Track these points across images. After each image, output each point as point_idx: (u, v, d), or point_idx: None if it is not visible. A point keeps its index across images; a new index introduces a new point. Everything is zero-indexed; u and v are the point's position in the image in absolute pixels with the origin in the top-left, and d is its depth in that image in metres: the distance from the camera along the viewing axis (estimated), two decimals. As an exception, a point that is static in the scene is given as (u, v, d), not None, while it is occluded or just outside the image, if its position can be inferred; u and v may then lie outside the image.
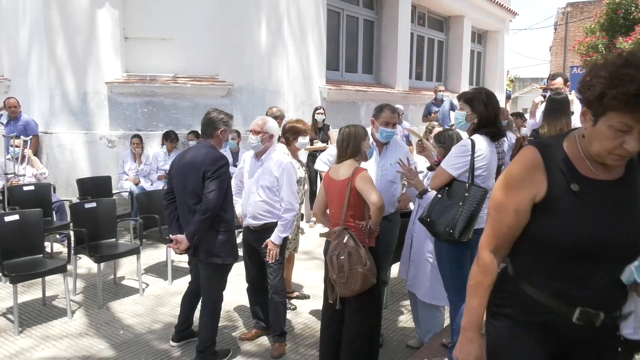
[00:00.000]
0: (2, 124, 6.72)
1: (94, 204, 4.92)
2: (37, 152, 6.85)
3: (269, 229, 3.67)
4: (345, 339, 3.16)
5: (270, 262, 3.68)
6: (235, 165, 6.24)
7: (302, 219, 4.64)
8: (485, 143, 2.95)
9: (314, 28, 8.28)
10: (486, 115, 2.96)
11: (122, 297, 4.74)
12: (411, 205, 3.80)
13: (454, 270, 3.01)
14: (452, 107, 8.91)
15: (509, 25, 16.03)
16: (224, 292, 3.63)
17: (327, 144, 7.32)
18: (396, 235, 3.76)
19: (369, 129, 3.46)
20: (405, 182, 3.45)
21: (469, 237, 2.88)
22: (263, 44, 7.59)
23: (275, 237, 3.63)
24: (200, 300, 3.62)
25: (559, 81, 4.99)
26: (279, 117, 5.18)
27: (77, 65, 7.02)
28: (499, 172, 5.75)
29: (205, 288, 3.53)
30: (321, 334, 3.35)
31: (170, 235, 3.55)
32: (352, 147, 3.10)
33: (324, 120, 7.43)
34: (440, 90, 9.48)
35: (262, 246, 3.67)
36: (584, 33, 11.93)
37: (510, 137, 6.56)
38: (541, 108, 5.16)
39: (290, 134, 4.18)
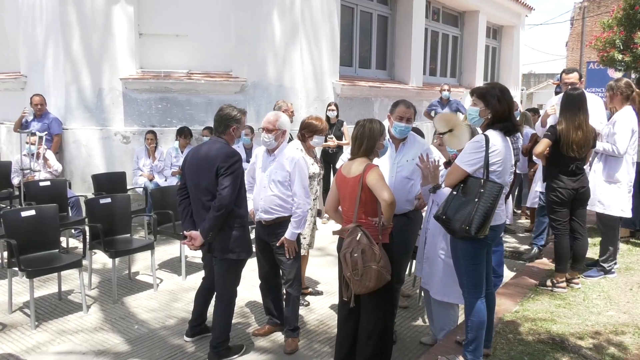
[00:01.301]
0: (27, 120, 6.73)
1: (108, 200, 4.94)
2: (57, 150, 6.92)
3: (281, 223, 3.67)
4: (361, 336, 3.15)
5: (285, 258, 3.67)
6: (248, 161, 6.22)
7: (318, 215, 4.60)
8: (500, 138, 2.90)
9: (328, 24, 8.23)
10: (500, 110, 2.93)
11: (136, 292, 4.76)
12: None
13: (469, 267, 2.98)
14: (458, 109, 8.76)
15: (524, 20, 15.81)
16: (238, 288, 3.62)
17: (342, 139, 7.29)
18: (416, 233, 3.72)
19: (385, 123, 3.41)
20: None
21: (486, 233, 2.85)
22: (277, 40, 7.56)
23: (289, 234, 3.63)
24: (214, 296, 3.62)
25: (574, 76, 4.90)
26: (282, 109, 5.19)
27: (93, 61, 7.06)
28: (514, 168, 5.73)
29: (220, 284, 3.53)
30: (338, 332, 3.33)
31: (184, 232, 3.55)
32: (365, 147, 3.06)
33: (336, 116, 7.39)
34: (445, 90, 8.94)
35: (277, 244, 3.66)
36: (601, 28, 11.65)
37: (527, 133, 6.49)
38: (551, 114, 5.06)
39: (307, 131, 4.12)
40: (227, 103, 3.68)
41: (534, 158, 4.88)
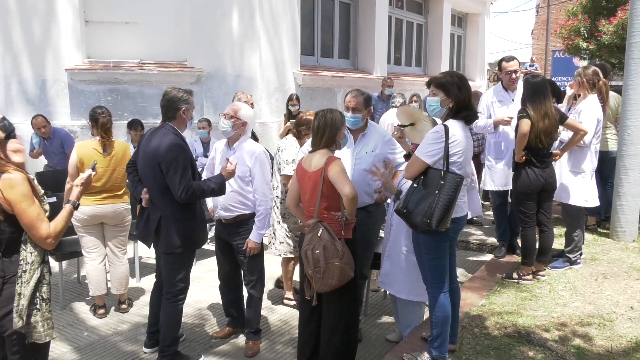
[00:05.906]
0: (34, 146, 6.02)
1: (54, 199, 4.66)
2: None
3: (242, 221, 3.57)
4: (324, 335, 3.10)
5: (246, 259, 3.58)
6: (206, 156, 6.03)
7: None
8: (460, 128, 2.87)
9: (288, 11, 8.07)
10: (462, 98, 2.90)
11: (86, 297, 4.57)
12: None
13: (432, 261, 2.95)
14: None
15: (489, 7, 15.95)
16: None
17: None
18: (377, 227, 3.69)
19: None
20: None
21: (447, 226, 2.82)
22: (234, 28, 7.36)
23: (255, 236, 3.54)
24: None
25: (515, 63, 4.92)
26: (242, 101, 5.05)
27: (35, 51, 6.77)
28: (479, 159, 5.68)
29: (165, 280, 3.40)
30: (299, 332, 3.29)
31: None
32: (326, 138, 3.00)
33: (298, 109, 7.23)
34: (389, 86, 8.38)
35: (244, 248, 3.56)
36: (565, 16, 11.81)
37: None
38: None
39: (305, 128, 4.06)
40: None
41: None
